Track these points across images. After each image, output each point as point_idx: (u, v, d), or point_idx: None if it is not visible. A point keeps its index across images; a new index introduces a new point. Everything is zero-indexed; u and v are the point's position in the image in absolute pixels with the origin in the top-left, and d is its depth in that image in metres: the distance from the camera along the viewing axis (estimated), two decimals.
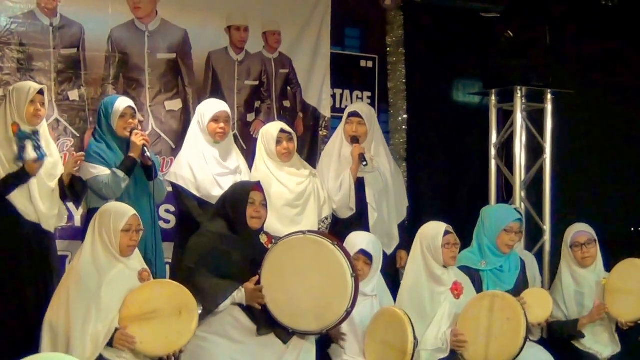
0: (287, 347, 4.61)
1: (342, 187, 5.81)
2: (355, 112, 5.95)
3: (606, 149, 7.58)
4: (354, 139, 5.85)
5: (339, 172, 5.86)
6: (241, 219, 4.75)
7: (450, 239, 5.15)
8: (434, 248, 5.13)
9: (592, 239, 5.54)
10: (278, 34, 6.70)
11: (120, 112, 5.25)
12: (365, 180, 5.88)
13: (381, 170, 5.96)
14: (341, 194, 5.81)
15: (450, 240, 5.14)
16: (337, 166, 5.90)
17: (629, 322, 5.30)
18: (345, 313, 4.54)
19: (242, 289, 4.57)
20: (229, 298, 4.55)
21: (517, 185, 7.03)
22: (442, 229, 5.16)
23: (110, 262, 4.46)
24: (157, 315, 4.37)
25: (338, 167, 5.89)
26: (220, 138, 5.49)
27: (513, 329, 4.84)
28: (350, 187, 5.79)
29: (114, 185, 5.15)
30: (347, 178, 5.80)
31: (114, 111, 5.25)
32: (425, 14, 7.35)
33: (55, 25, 5.88)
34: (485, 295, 5.09)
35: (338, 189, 5.82)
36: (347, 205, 5.81)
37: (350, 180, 5.79)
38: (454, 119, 7.59)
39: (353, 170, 5.80)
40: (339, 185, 5.82)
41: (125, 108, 5.27)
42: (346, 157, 5.87)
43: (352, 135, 5.86)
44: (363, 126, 5.89)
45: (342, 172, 5.84)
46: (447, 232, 5.16)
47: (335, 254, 4.55)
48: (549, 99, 7.08)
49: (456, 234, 5.23)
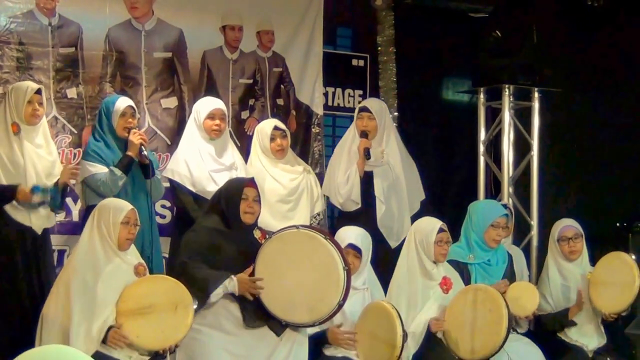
0: (280, 339, 4.63)
1: (349, 181, 5.85)
2: (366, 107, 6.01)
3: (592, 146, 7.62)
4: (364, 134, 5.92)
5: (348, 167, 5.91)
6: (235, 214, 4.76)
7: (444, 236, 5.19)
8: (427, 244, 5.17)
9: (578, 233, 5.58)
10: (271, 34, 6.73)
11: (121, 111, 5.29)
12: (374, 174, 5.92)
13: (391, 163, 5.99)
14: (347, 187, 5.85)
15: (443, 238, 5.18)
16: (347, 161, 5.95)
17: (613, 313, 5.33)
18: (338, 305, 4.57)
19: (234, 278, 4.56)
20: (221, 287, 4.53)
21: (505, 181, 7.08)
22: (437, 225, 5.20)
23: (107, 256, 4.49)
24: (154, 309, 4.37)
25: (347, 161, 5.95)
26: (215, 135, 5.55)
27: (495, 320, 4.88)
28: (356, 180, 5.83)
29: (112, 183, 5.18)
30: (353, 172, 5.85)
31: (115, 110, 5.29)
32: (415, 14, 7.38)
33: (53, 24, 5.90)
34: (468, 289, 5.14)
35: (345, 183, 5.87)
36: (350, 198, 5.85)
37: (357, 174, 5.84)
38: (444, 116, 7.64)
39: (359, 164, 5.84)
40: (345, 179, 5.87)
41: (126, 107, 5.32)
42: (355, 152, 5.92)
43: (362, 130, 5.93)
44: (373, 121, 5.94)
45: (350, 167, 5.89)
46: (442, 229, 5.20)
47: (327, 247, 4.58)
48: (536, 97, 7.14)
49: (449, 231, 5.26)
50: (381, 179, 5.93)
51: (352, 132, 6.06)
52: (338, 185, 5.89)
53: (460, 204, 6.98)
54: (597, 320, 5.44)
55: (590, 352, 5.42)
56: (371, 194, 5.90)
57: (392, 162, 6.00)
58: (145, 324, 4.37)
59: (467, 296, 5.06)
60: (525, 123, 7.18)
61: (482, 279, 5.40)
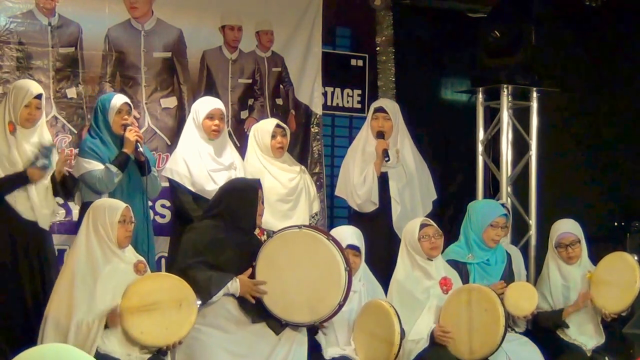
0: (280, 338, 4.65)
1: (366, 182, 5.87)
2: (381, 107, 6.04)
3: (590, 146, 7.62)
4: (380, 134, 5.93)
5: (363, 168, 5.92)
6: (251, 218, 4.79)
7: (428, 230, 5.19)
8: (413, 242, 5.19)
9: (576, 239, 5.56)
10: (271, 34, 6.75)
11: (117, 108, 5.28)
12: (389, 175, 5.94)
13: (405, 163, 6.01)
14: (365, 188, 5.86)
15: (427, 232, 5.18)
16: (362, 161, 5.96)
17: (613, 313, 5.34)
18: (338, 306, 4.59)
19: (236, 280, 4.59)
20: (223, 289, 4.57)
21: (503, 180, 7.08)
22: (418, 223, 5.22)
23: (106, 256, 4.49)
24: (158, 306, 4.39)
25: (362, 162, 5.96)
26: (214, 135, 5.54)
27: (492, 320, 4.90)
28: (374, 181, 5.85)
29: (107, 180, 5.17)
30: (370, 172, 5.86)
31: (111, 107, 5.28)
32: (414, 14, 7.39)
33: (53, 24, 5.92)
34: (462, 290, 5.14)
35: (362, 184, 5.88)
36: (370, 200, 5.86)
37: (374, 175, 5.85)
38: (442, 116, 7.63)
39: (377, 165, 5.86)
40: (362, 180, 5.88)
41: (121, 104, 5.31)
42: (370, 152, 5.93)
43: (379, 130, 5.94)
44: (389, 121, 5.97)
45: (366, 167, 5.90)
46: (424, 224, 5.21)
47: (329, 248, 4.60)
48: (535, 97, 7.13)
49: (439, 226, 5.25)
50: (396, 180, 5.95)
51: (365, 132, 6.08)
52: (355, 186, 5.90)
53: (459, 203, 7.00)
54: (597, 319, 5.44)
55: (589, 351, 5.41)
56: (387, 195, 5.91)
57: (407, 162, 6.02)
58: (150, 321, 4.39)
59: (460, 297, 5.07)
60: (524, 123, 7.17)
61: (481, 279, 5.40)
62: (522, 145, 7.19)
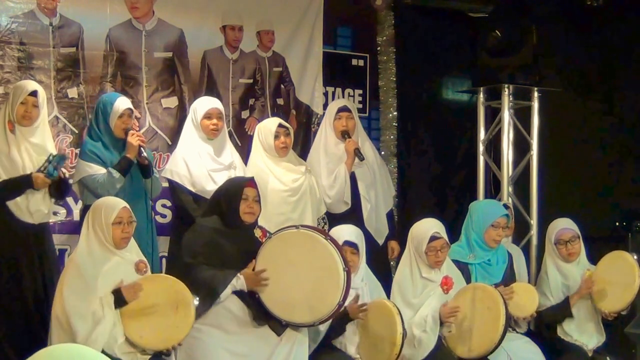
0: (281, 339, 4.65)
1: (337, 182, 5.84)
2: (345, 106, 6.00)
3: (591, 145, 7.62)
4: (345, 134, 5.91)
5: (331, 168, 5.88)
6: (235, 214, 4.78)
7: (437, 244, 5.12)
8: (420, 253, 5.18)
9: (575, 235, 5.57)
10: (272, 34, 6.75)
11: (120, 112, 5.25)
12: (357, 174, 5.92)
13: (369, 162, 6.00)
14: (336, 189, 5.84)
15: (436, 246, 5.12)
16: (328, 162, 5.92)
17: (613, 312, 5.35)
18: (338, 305, 4.58)
19: (240, 276, 4.60)
20: (229, 286, 4.57)
21: (504, 180, 7.09)
22: (429, 235, 5.13)
23: (106, 255, 4.50)
24: (156, 310, 4.40)
25: (329, 162, 5.92)
26: (213, 135, 5.54)
27: (493, 318, 4.92)
28: (346, 181, 5.83)
29: (109, 185, 5.15)
30: (342, 172, 5.84)
31: (114, 111, 5.24)
32: (415, 14, 7.39)
33: (54, 24, 5.92)
34: (467, 289, 5.16)
35: (332, 184, 5.86)
36: (342, 200, 5.84)
37: (346, 175, 5.83)
38: (443, 116, 7.63)
39: (348, 164, 5.84)
40: (332, 181, 5.86)
41: (124, 109, 5.27)
42: (335, 152, 5.90)
43: (343, 130, 5.91)
44: (352, 120, 5.94)
45: (335, 168, 5.87)
46: (434, 237, 5.13)
47: (327, 247, 4.59)
48: (536, 97, 7.14)
49: (447, 234, 5.20)
50: (363, 179, 5.94)
51: (324, 132, 6.03)
52: (324, 188, 5.86)
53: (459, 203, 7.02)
54: (597, 318, 5.45)
55: (590, 350, 5.42)
56: (356, 194, 5.90)
57: (369, 160, 6.01)
58: (148, 324, 4.40)
59: (465, 295, 5.09)
60: (525, 123, 7.18)
61: (482, 279, 5.40)
62: (523, 145, 7.20)
